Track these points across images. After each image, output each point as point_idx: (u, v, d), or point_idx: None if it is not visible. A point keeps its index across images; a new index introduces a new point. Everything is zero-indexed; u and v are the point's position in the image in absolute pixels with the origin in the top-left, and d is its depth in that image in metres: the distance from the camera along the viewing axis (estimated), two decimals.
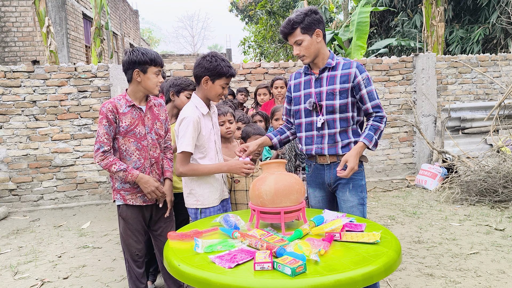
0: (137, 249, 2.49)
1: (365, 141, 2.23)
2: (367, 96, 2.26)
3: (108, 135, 2.30)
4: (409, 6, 11.55)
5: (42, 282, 3.30)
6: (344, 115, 2.28)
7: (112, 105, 2.30)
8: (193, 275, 1.45)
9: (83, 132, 5.79)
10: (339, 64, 2.30)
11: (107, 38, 13.27)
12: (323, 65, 2.31)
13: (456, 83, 6.79)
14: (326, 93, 2.29)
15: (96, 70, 5.75)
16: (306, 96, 2.36)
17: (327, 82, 2.29)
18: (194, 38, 50.43)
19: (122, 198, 2.40)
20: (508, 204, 4.74)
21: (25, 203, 5.69)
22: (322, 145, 2.32)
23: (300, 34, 2.22)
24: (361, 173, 2.33)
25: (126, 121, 2.33)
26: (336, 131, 2.29)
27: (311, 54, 2.26)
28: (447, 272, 3.15)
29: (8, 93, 5.56)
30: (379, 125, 2.27)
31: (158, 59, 2.32)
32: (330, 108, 2.28)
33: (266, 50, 17.57)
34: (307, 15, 2.21)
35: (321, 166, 2.37)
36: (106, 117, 2.28)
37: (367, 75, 2.27)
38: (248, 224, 1.92)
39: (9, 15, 10.16)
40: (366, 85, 2.26)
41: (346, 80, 2.26)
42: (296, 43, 2.25)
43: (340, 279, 1.37)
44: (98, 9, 8.60)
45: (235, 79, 6.15)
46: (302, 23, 2.21)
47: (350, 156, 2.21)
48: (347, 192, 2.30)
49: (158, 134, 2.46)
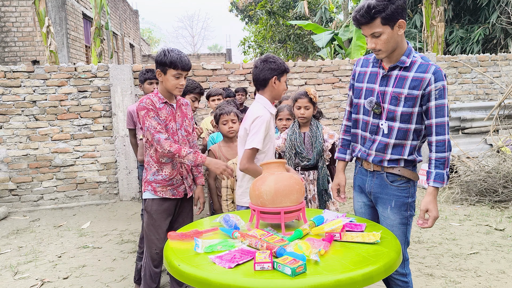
0: (157, 247, 2.50)
1: (437, 184, 1.94)
2: (434, 111, 1.91)
3: (161, 125, 2.37)
4: (409, 6, 11.55)
5: (42, 282, 3.30)
6: (405, 125, 1.97)
7: (150, 100, 2.39)
8: (193, 275, 1.45)
9: (83, 132, 5.79)
10: (415, 64, 1.95)
11: (107, 38, 13.27)
12: (395, 62, 1.97)
13: (456, 83, 6.79)
14: (390, 96, 1.97)
15: (96, 70, 5.75)
16: (368, 92, 2.06)
17: (394, 82, 1.97)
18: (194, 38, 50.41)
19: (153, 190, 2.46)
20: (508, 204, 4.74)
21: (25, 203, 5.69)
22: (369, 151, 2.07)
23: (380, 25, 1.85)
24: (407, 190, 2.05)
25: (162, 115, 2.41)
26: (389, 142, 2.00)
27: (388, 49, 1.91)
28: (447, 272, 3.15)
29: (8, 93, 5.56)
30: (445, 156, 1.93)
31: (178, 62, 2.33)
32: (391, 114, 1.98)
33: (266, 50, 17.56)
34: (391, 2, 1.82)
35: (365, 171, 2.14)
36: (150, 110, 2.36)
37: (443, 85, 1.90)
38: (248, 224, 1.92)
39: (9, 15, 10.16)
40: (438, 97, 1.90)
41: (417, 86, 1.92)
42: (373, 35, 1.89)
43: (340, 279, 1.37)
44: (98, 9, 8.60)
45: (235, 79, 6.15)
46: (384, 12, 1.82)
47: (429, 203, 1.95)
48: (388, 209, 2.06)
49: (187, 131, 2.56)
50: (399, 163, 2.03)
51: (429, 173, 1.98)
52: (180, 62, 2.33)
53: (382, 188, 2.07)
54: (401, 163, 2.03)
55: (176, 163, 2.47)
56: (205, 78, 6.08)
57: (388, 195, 2.06)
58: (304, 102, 2.91)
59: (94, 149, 5.83)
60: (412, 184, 2.06)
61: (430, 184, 1.96)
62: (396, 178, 2.05)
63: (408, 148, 2.01)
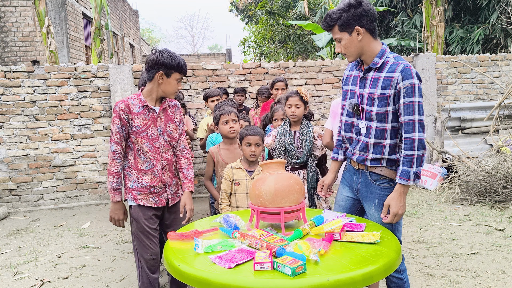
0: (152, 252, 2.40)
1: (402, 181, 1.95)
2: (403, 109, 1.96)
3: (120, 135, 2.30)
4: (409, 6, 11.55)
5: (42, 282, 3.30)
6: (382, 125, 2.03)
7: (125, 104, 2.29)
8: (193, 275, 1.45)
9: (83, 132, 5.79)
10: (387, 64, 2.02)
11: (107, 38, 13.27)
12: (369, 63, 2.06)
13: (456, 83, 6.79)
14: (367, 97, 2.06)
15: (96, 70, 5.75)
16: (351, 94, 2.16)
17: (370, 84, 2.05)
18: (194, 38, 50.42)
19: (133, 198, 2.38)
20: (508, 204, 4.74)
21: (25, 203, 5.69)
22: (354, 150, 2.16)
23: (338, 32, 2.01)
24: (390, 189, 2.08)
25: (139, 121, 2.31)
26: (369, 141, 2.07)
27: (352, 53, 2.04)
28: (447, 272, 3.15)
29: (8, 93, 5.56)
30: (412, 154, 1.93)
31: (184, 67, 2.31)
32: (368, 115, 2.06)
33: (266, 50, 17.56)
34: (345, 11, 1.96)
35: (353, 168, 2.22)
36: (118, 116, 2.28)
37: (411, 83, 1.93)
38: (248, 224, 1.92)
39: (9, 15, 10.16)
40: (406, 96, 1.94)
41: (388, 86, 1.98)
42: (336, 40, 2.05)
43: (340, 279, 1.37)
44: (98, 9, 8.60)
45: (235, 79, 6.15)
46: (340, 20, 1.97)
47: (392, 199, 1.98)
48: (372, 207, 2.14)
49: (171, 136, 2.43)
50: (381, 162, 2.08)
51: (397, 169, 2.03)
52: (185, 66, 2.32)
53: (367, 187, 2.15)
54: (383, 163, 2.08)
55: (158, 171, 2.38)
56: (205, 78, 6.08)
57: (372, 193, 2.13)
58: (295, 100, 2.95)
59: (94, 149, 5.83)
60: (395, 183, 2.06)
61: (397, 181, 2.00)
62: (378, 177, 2.10)
63: (388, 147, 2.06)
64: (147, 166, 2.35)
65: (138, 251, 2.42)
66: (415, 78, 1.95)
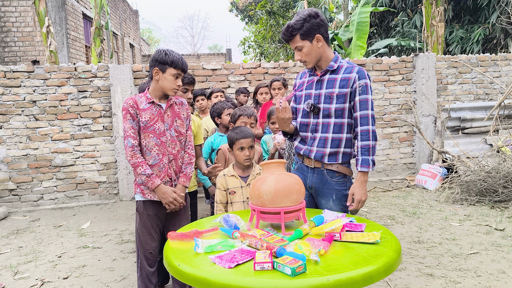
0: (151, 247, 2.52)
1: (364, 169, 2.19)
2: (358, 105, 2.22)
3: (134, 129, 2.38)
4: (409, 6, 11.55)
5: (42, 282, 3.30)
6: (340, 120, 2.27)
7: (133, 100, 2.39)
8: (193, 275, 1.45)
9: (83, 132, 5.79)
10: (342, 67, 2.28)
11: (107, 38, 13.27)
12: (325, 68, 2.30)
13: (456, 83, 6.79)
14: (324, 96, 2.28)
15: (96, 70, 5.75)
16: (307, 96, 2.36)
17: (327, 85, 2.29)
18: (194, 38, 50.43)
19: (141, 193, 2.46)
20: (508, 204, 4.74)
21: (25, 203, 5.69)
22: (311, 148, 2.33)
23: (300, 40, 2.20)
24: (345, 183, 2.32)
25: (146, 116, 2.39)
26: (328, 136, 2.29)
27: (312, 59, 2.25)
28: (447, 272, 3.15)
29: (8, 93, 5.56)
30: (368, 144, 2.21)
31: (179, 62, 2.35)
32: (326, 112, 2.28)
33: (266, 50, 17.57)
34: (306, 21, 2.17)
35: (306, 167, 2.39)
36: (128, 112, 2.37)
37: (365, 82, 2.22)
38: (248, 224, 1.92)
39: (9, 15, 10.17)
40: (361, 93, 2.21)
41: (345, 85, 2.23)
42: (296, 48, 2.23)
43: (340, 279, 1.36)
44: (98, 9, 8.60)
45: (235, 79, 6.15)
46: (301, 29, 2.17)
47: (355, 188, 2.21)
48: (330, 202, 2.32)
49: (178, 132, 2.51)
50: (337, 158, 2.29)
51: (357, 160, 2.25)
52: (181, 62, 2.37)
53: (323, 183, 2.33)
54: (339, 159, 2.29)
55: (164, 165, 2.45)
56: (205, 78, 6.08)
57: (329, 189, 2.32)
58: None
59: (94, 149, 5.83)
60: (348, 178, 2.34)
61: (358, 169, 2.23)
62: (334, 174, 2.31)
63: (344, 141, 2.29)
64: (153, 161, 2.42)
65: (138, 245, 2.55)
66: (367, 78, 2.24)
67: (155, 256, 2.55)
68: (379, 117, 6.55)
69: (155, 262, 2.57)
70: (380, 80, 6.52)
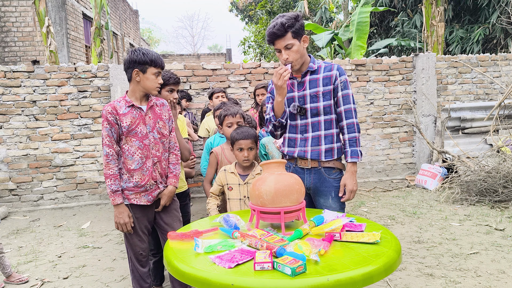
0: (141, 248, 2.51)
1: (354, 159, 2.29)
2: (342, 100, 2.31)
3: (110, 137, 2.33)
4: (409, 6, 11.55)
5: (42, 282, 3.30)
6: (329, 117, 2.33)
7: (111, 107, 2.34)
8: (193, 275, 1.45)
9: (83, 132, 5.79)
10: (321, 67, 2.34)
11: (107, 38, 13.27)
12: (305, 69, 2.33)
13: (456, 83, 6.79)
14: (309, 96, 2.32)
15: (96, 70, 5.75)
16: (289, 100, 2.38)
17: (309, 85, 2.33)
18: (194, 38, 50.48)
19: (126, 198, 2.42)
20: (508, 204, 4.74)
21: (25, 203, 5.69)
22: (305, 148, 2.35)
23: (291, 38, 2.21)
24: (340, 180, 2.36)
25: (127, 121, 2.34)
26: (320, 134, 2.33)
27: (299, 60, 2.27)
28: (447, 272, 3.15)
29: (8, 93, 5.56)
30: (355, 135, 2.31)
31: (158, 60, 2.34)
32: (314, 111, 2.32)
33: (266, 50, 17.56)
34: (297, 20, 2.21)
35: (301, 169, 2.39)
36: (106, 119, 2.32)
37: (345, 78, 2.32)
38: (248, 224, 1.92)
39: (9, 15, 10.17)
40: (343, 88, 2.30)
41: (328, 82, 2.30)
42: (286, 47, 2.22)
43: (340, 279, 1.36)
44: (98, 9, 8.60)
45: (234, 79, 6.15)
46: (294, 27, 2.20)
47: (347, 179, 2.30)
48: (329, 199, 2.35)
49: (161, 133, 2.47)
50: (333, 154, 2.34)
51: (345, 152, 2.33)
52: (160, 60, 2.36)
53: (321, 182, 2.36)
54: (335, 155, 2.35)
55: (148, 168, 2.40)
56: (205, 78, 6.08)
57: (327, 187, 2.36)
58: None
59: (94, 149, 5.83)
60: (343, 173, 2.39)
61: (348, 161, 2.31)
62: (331, 171, 2.36)
63: (336, 136, 2.36)
64: (136, 165, 2.38)
65: (128, 247, 2.53)
66: (346, 75, 2.35)
67: (145, 256, 2.55)
68: (379, 117, 6.55)
69: (146, 262, 2.57)
70: (380, 80, 6.52)
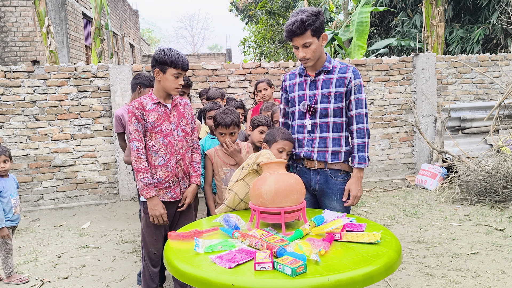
0: (155, 248, 2.53)
1: (361, 165, 2.26)
2: (354, 103, 2.26)
3: (139, 132, 2.38)
4: (409, 6, 11.55)
5: (42, 282, 3.30)
6: (338, 119, 2.29)
7: (139, 103, 2.39)
8: (193, 275, 1.45)
9: (83, 132, 5.78)
10: (336, 68, 2.30)
11: (107, 38, 13.27)
12: (320, 68, 2.29)
13: (456, 83, 6.79)
14: (320, 96, 2.28)
15: (96, 70, 5.75)
16: (300, 98, 2.35)
17: (322, 85, 2.29)
18: (194, 38, 50.45)
19: None
20: (508, 204, 4.74)
21: (25, 203, 5.69)
22: (312, 149, 2.32)
23: (311, 36, 2.16)
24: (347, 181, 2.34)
25: (152, 117, 2.39)
26: (328, 136, 2.29)
27: (315, 57, 2.23)
28: (447, 272, 3.15)
29: (8, 93, 5.56)
30: (364, 141, 2.27)
31: (178, 61, 2.33)
32: (324, 112, 2.28)
33: (266, 50, 17.57)
34: (318, 18, 2.15)
35: (307, 170, 2.37)
36: (134, 115, 2.37)
37: (360, 81, 2.27)
38: (248, 224, 1.92)
39: (9, 15, 10.16)
40: (357, 92, 2.25)
41: (342, 84, 2.25)
42: (304, 45, 2.19)
43: (340, 279, 1.36)
44: (98, 9, 8.60)
45: (235, 79, 6.15)
46: (314, 25, 2.14)
47: (351, 184, 2.27)
48: (334, 201, 2.33)
49: (185, 131, 2.52)
50: (339, 157, 2.31)
51: (353, 157, 2.29)
52: (181, 61, 2.35)
53: (327, 184, 2.33)
54: (341, 158, 2.31)
55: (172, 165, 2.44)
56: (205, 78, 6.08)
57: (333, 189, 2.33)
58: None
59: (94, 149, 5.83)
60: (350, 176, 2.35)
61: (355, 166, 2.27)
62: (337, 173, 2.33)
63: (344, 140, 2.32)
64: (160, 161, 2.42)
65: (143, 245, 2.57)
66: (361, 78, 2.28)
67: (158, 257, 2.57)
68: (379, 117, 6.55)
69: (158, 262, 2.58)
70: (380, 80, 6.52)
